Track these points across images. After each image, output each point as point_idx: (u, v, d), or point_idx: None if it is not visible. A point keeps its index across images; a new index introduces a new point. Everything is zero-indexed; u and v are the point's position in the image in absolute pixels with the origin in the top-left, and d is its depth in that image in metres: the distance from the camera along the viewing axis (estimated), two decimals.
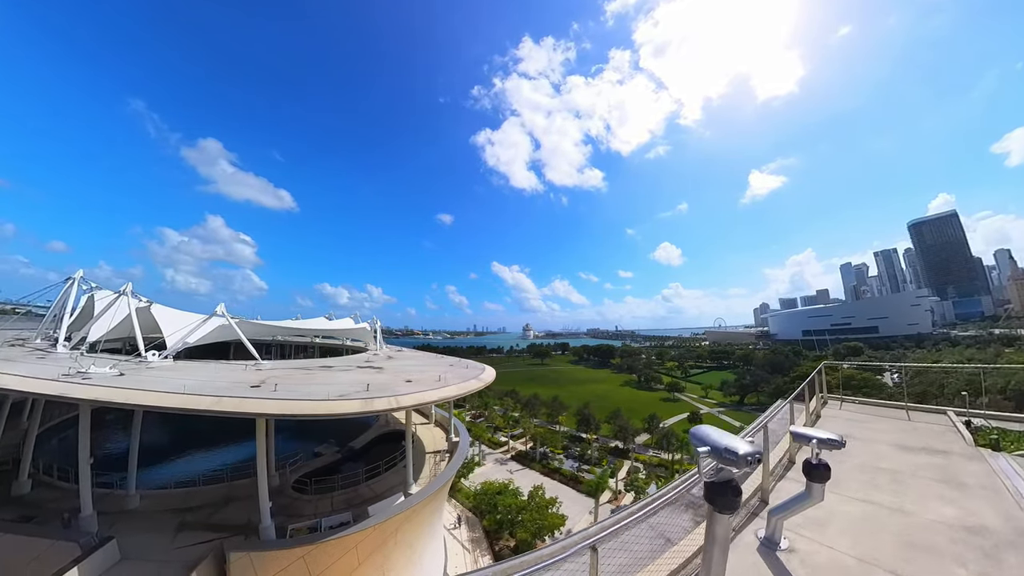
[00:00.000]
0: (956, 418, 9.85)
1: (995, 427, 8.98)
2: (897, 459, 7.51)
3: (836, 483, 5.93)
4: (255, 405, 13.11)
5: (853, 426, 9.64)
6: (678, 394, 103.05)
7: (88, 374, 16.35)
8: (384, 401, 13.15)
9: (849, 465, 7.27)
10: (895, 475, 6.90)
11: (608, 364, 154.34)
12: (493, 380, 21.17)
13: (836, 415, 10.71)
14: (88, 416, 16.17)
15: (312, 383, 17.27)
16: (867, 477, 6.85)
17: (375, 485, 19.53)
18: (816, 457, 3.97)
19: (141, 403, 13.72)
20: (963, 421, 9.44)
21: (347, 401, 12.97)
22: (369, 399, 13.10)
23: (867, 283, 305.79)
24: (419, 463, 22.34)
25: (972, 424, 9.21)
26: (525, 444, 63.21)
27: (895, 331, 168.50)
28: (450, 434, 25.03)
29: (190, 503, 17.93)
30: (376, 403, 13.02)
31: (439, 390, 15.47)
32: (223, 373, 19.33)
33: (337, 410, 12.49)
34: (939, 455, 7.57)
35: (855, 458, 7.58)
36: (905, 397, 10.79)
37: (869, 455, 7.75)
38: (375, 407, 12.98)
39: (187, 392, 13.71)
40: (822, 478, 3.36)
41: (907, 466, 7.13)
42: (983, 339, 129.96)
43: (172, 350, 23.14)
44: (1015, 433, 8.70)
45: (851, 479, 6.81)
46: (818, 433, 4.36)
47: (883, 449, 8.08)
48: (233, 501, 18.17)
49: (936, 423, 9.76)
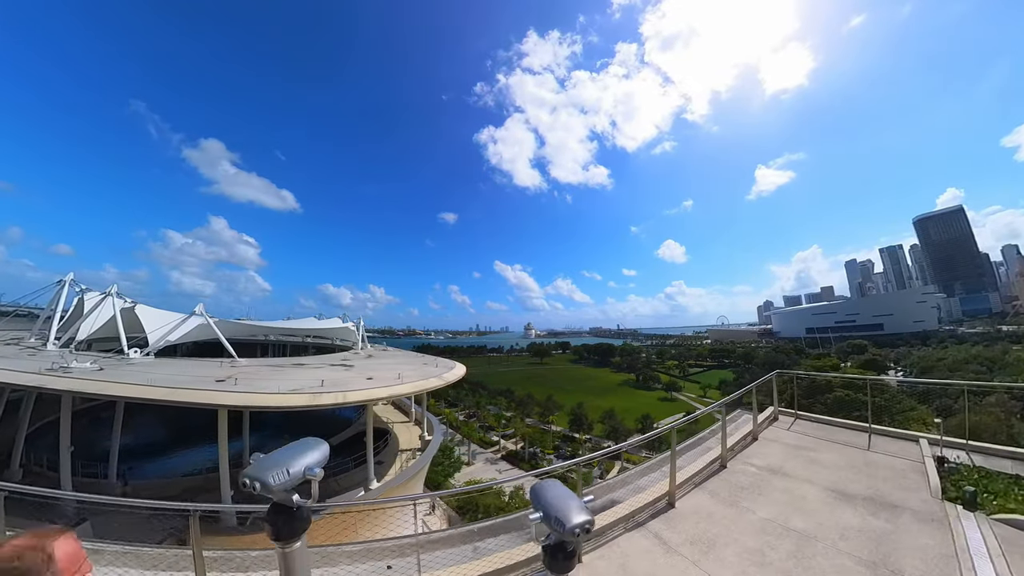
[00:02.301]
0: (929, 450, 7.46)
1: (979, 467, 6.66)
2: (822, 516, 5.32)
3: (710, 547, 4.65)
4: (210, 396, 13.89)
5: (792, 454, 7.61)
6: (676, 393, 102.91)
7: (69, 369, 17.42)
8: (331, 396, 13.82)
9: (748, 521, 5.21)
10: (801, 547, 4.63)
11: (608, 363, 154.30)
12: (459, 378, 21.80)
13: (778, 437, 8.59)
14: (69, 408, 17.20)
15: (275, 379, 18.01)
16: (758, 545, 4.67)
17: (342, 480, 20.23)
18: (564, 534, 2.03)
19: (108, 393, 14.65)
20: (935, 456, 6.99)
21: (297, 395, 13.65)
22: (317, 394, 13.77)
23: (872, 280, 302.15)
24: (392, 460, 23.03)
25: (946, 463, 6.80)
26: (516, 444, 63.71)
27: (900, 328, 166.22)
28: (424, 432, 25.69)
29: (168, 492, 18.83)
30: (323, 398, 13.69)
31: (392, 387, 16.11)
32: (196, 369, 20.17)
33: (285, 403, 13.16)
34: (885, 513, 5.38)
35: (764, 508, 5.52)
36: (869, 418, 8.74)
37: (785, 504, 5.62)
38: (322, 401, 13.63)
39: (151, 384, 14.52)
40: (562, 569, 2.01)
41: (830, 530, 4.97)
42: (990, 336, 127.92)
43: (154, 347, 24.06)
44: (1005, 480, 6.13)
45: (736, 544, 4.71)
46: (570, 511, 2.02)
47: (811, 495, 5.89)
48: (205, 491, 19.03)
49: (901, 455, 7.39)
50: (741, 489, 6.17)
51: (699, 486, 6.40)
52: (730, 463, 7.13)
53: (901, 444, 7.99)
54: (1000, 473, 6.44)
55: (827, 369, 65.22)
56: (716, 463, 6.99)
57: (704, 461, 6.97)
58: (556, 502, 1.97)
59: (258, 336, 49.99)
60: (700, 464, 6.89)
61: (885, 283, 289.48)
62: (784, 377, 10.35)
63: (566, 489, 2.04)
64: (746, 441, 8.24)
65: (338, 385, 15.45)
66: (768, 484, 6.29)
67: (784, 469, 6.87)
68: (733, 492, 6.09)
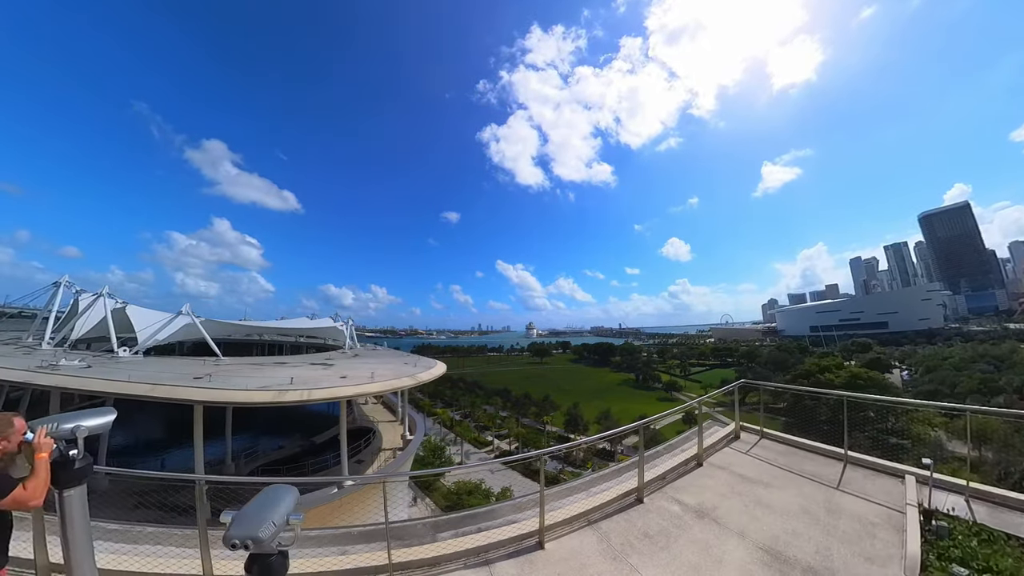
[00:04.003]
0: (916, 492, 5.37)
1: (980, 525, 4.53)
2: None
3: None
4: (183, 392, 14.50)
5: (737, 489, 5.83)
6: (676, 393, 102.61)
7: (57, 366, 18.24)
8: (296, 394, 14.35)
9: None
10: None
11: (608, 363, 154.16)
12: (435, 378, 22.30)
13: (729, 462, 6.82)
14: (58, 403, 18.01)
15: (254, 376, 18.62)
16: None
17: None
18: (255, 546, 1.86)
19: (89, 389, 15.35)
20: (921, 507, 4.92)
21: (263, 392, 14.19)
22: (282, 391, 14.30)
23: (877, 277, 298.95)
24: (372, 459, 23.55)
25: (935, 518, 4.72)
26: (510, 444, 64.04)
27: (905, 326, 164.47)
28: (405, 432, 26.20)
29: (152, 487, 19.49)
30: (288, 395, 14.22)
31: (360, 386, 16.65)
32: (179, 367, 20.83)
33: (250, 399, 13.71)
34: None
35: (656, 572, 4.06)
36: (844, 442, 6.77)
37: (689, 571, 4.06)
38: (286, 398, 14.15)
39: (129, 381, 15.17)
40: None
41: None
42: (997, 334, 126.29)
43: (142, 346, 24.77)
44: (1018, 550, 4.08)
45: None
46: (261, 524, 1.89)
47: (734, 558, 4.22)
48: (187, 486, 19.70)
49: (878, 498, 5.45)
50: (644, 537, 4.68)
51: (594, 524, 4.90)
52: (650, 497, 5.60)
53: (881, 481, 6.02)
54: (1013, 538, 4.25)
55: (832, 367, 63.60)
56: (631, 496, 5.55)
57: (620, 490, 5.55)
58: (258, 511, 1.86)
59: (253, 336, 50.94)
60: (612, 494, 5.37)
61: (890, 281, 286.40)
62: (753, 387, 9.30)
63: (289, 502, 1.97)
64: (687, 467, 6.57)
65: (308, 383, 15.98)
66: (684, 533, 4.76)
67: (717, 512, 5.18)
68: (631, 539, 4.64)
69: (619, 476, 6.25)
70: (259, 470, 20.18)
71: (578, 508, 5.08)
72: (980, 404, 51.46)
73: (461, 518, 5.14)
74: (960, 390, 59.72)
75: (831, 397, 7.89)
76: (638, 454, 5.62)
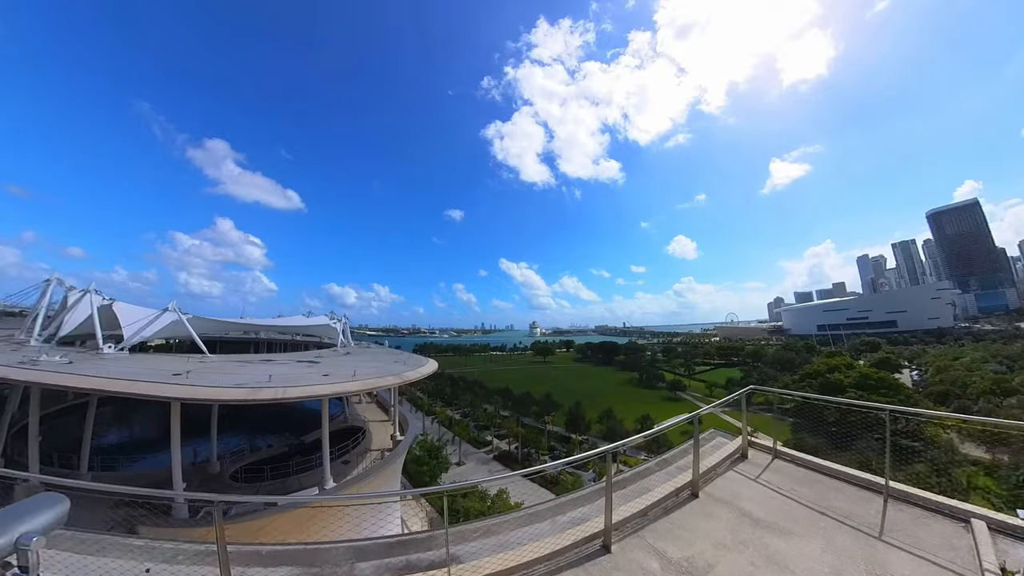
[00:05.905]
0: (992, 548, 3.78)
1: None
2: None
3: None
4: (159, 389, 13.92)
5: (740, 535, 4.33)
6: (680, 393, 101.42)
7: (37, 362, 17.80)
8: (271, 392, 13.78)
9: None
10: None
11: (611, 362, 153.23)
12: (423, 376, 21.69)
13: (734, 494, 5.21)
14: (38, 398, 17.65)
15: (237, 373, 18.12)
16: None
17: (304, 478, 20.16)
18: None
19: (65, 384, 14.89)
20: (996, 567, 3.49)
21: (237, 390, 13.60)
22: (256, 388, 13.71)
23: (885, 276, 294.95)
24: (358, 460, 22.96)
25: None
26: (509, 444, 63.37)
27: (914, 325, 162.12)
28: (395, 432, 25.57)
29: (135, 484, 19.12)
30: (262, 393, 13.65)
31: (339, 384, 16.11)
32: (161, 364, 20.36)
33: (223, 396, 13.17)
34: None
35: None
36: (887, 466, 5.05)
37: None
38: (260, 396, 13.57)
39: (107, 376, 14.68)
40: None
41: None
42: (1008, 333, 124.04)
43: (128, 343, 24.35)
44: None
45: None
46: None
47: None
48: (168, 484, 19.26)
49: (938, 557, 3.79)
50: None
51: None
52: (621, 544, 4.15)
53: (939, 526, 4.23)
54: None
55: (841, 367, 61.77)
56: (596, 542, 4.14)
57: (580, 533, 4.12)
58: None
59: (251, 334, 50.69)
60: (570, 537, 4.02)
61: (898, 279, 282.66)
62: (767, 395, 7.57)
63: (39, 519, 1.74)
64: (678, 498, 5.01)
65: (288, 381, 15.40)
66: None
67: (712, 574, 3.68)
68: None
69: (585, 505, 4.76)
70: (242, 471, 19.61)
71: (514, 558, 3.53)
72: (992, 406, 50.05)
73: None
74: (972, 391, 58.33)
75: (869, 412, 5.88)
76: (605, 488, 4.12)
